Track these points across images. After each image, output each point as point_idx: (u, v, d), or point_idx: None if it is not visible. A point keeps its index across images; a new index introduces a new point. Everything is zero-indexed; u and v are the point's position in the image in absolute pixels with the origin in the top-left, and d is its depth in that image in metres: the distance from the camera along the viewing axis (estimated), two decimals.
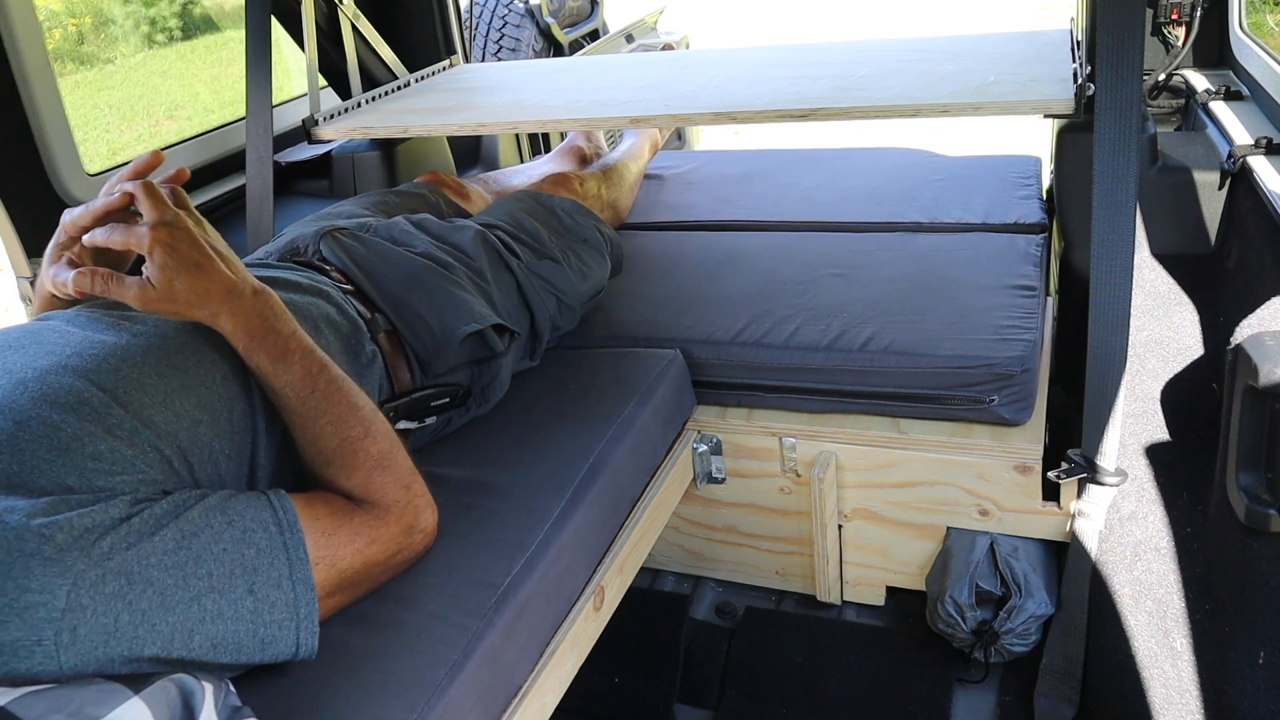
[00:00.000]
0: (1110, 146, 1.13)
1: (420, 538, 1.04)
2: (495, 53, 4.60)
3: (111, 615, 0.74)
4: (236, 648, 0.83)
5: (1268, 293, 1.18)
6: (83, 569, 0.74)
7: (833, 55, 1.80)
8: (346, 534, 0.95)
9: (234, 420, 0.99)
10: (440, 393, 1.28)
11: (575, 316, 1.58)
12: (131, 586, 0.76)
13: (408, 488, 1.03)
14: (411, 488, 1.03)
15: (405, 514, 1.02)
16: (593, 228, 1.67)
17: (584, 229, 1.65)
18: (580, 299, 1.57)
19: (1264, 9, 3.41)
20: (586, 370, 1.49)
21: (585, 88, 1.87)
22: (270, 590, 0.85)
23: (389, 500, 1.00)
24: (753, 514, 1.64)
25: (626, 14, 4.62)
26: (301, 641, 0.87)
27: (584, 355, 1.55)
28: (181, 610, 0.78)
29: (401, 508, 1.01)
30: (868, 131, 4.43)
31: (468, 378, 1.34)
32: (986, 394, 1.42)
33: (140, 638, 0.76)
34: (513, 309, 1.43)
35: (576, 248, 1.61)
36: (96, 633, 0.74)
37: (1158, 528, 1.24)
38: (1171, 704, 1.08)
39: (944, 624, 1.45)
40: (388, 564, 1.01)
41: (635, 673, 1.58)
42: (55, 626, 0.72)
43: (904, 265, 1.72)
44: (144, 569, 0.77)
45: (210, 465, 0.95)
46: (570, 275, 1.54)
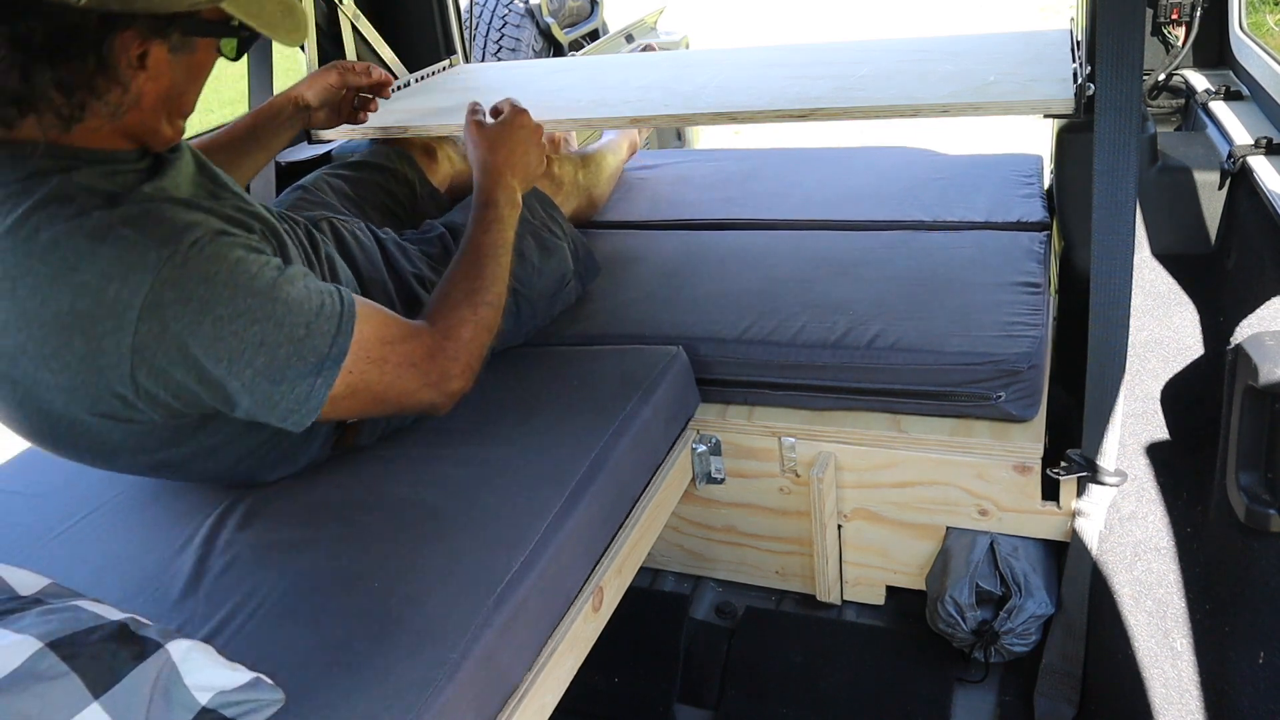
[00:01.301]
0: (1110, 146, 1.13)
1: (444, 397, 1.14)
2: (495, 53, 4.60)
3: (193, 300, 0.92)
4: (256, 390, 0.98)
5: (1268, 293, 1.18)
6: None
7: (833, 55, 1.79)
8: (393, 360, 1.08)
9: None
10: None
11: (535, 317, 1.59)
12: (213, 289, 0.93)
13: (468, 351, 1.15)
14: (468, 359, 1.15)
15: (452, 365, 1.13)
16: (558, 223, 1.69)
17: (548, 220, 1.67)
18: (537, 291, 1.58)
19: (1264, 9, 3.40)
20: (588, 366, 1.49)
21: (585, 87, 1.87)
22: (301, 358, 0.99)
23: (449, 342, 1.14)
24: (752, 514, 1.64)
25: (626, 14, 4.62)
26: (301, 412, 1.01)
27: (586, 352, 1.55)
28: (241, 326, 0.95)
29: (451, 357, 1.13)
30: (868, 131, 4.43)
31: None
32: (993, 390, 1.42)
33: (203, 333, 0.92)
34: None
35: (536, 230, 1.63)
36: (178, 310, 0.91)
37: (1158, 528, 1.24)
38: (1171, 704, 1.08)
39: (944, 624, 1.45)
40: (405, 398, 1.11)
41: (635, 672, 1.58)
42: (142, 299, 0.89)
43: (908, 263, 1.72)
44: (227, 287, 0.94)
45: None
46: (526, 262, 1.56)
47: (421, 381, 1.10)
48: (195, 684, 0.79)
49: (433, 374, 1.11)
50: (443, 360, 1.12)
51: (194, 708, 0.78)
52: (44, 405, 0.98)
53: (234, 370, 0.95)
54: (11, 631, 0.73)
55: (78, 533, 1.22)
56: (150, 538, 1.19)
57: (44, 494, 1.32)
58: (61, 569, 1.09)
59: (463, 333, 1.15)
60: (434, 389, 1.12)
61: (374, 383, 1.06)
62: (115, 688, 0.74)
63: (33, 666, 0.71)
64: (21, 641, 0.72)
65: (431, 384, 1.11)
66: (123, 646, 0.76)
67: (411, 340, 1.10)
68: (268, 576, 1.09)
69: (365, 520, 1.17)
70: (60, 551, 1.19)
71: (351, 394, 1.04)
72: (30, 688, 0.70)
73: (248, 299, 0.95)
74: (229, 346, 0.94)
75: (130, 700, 0.74)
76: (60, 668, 0.72)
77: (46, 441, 1.07)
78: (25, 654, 0.71)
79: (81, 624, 0.76)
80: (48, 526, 1.24)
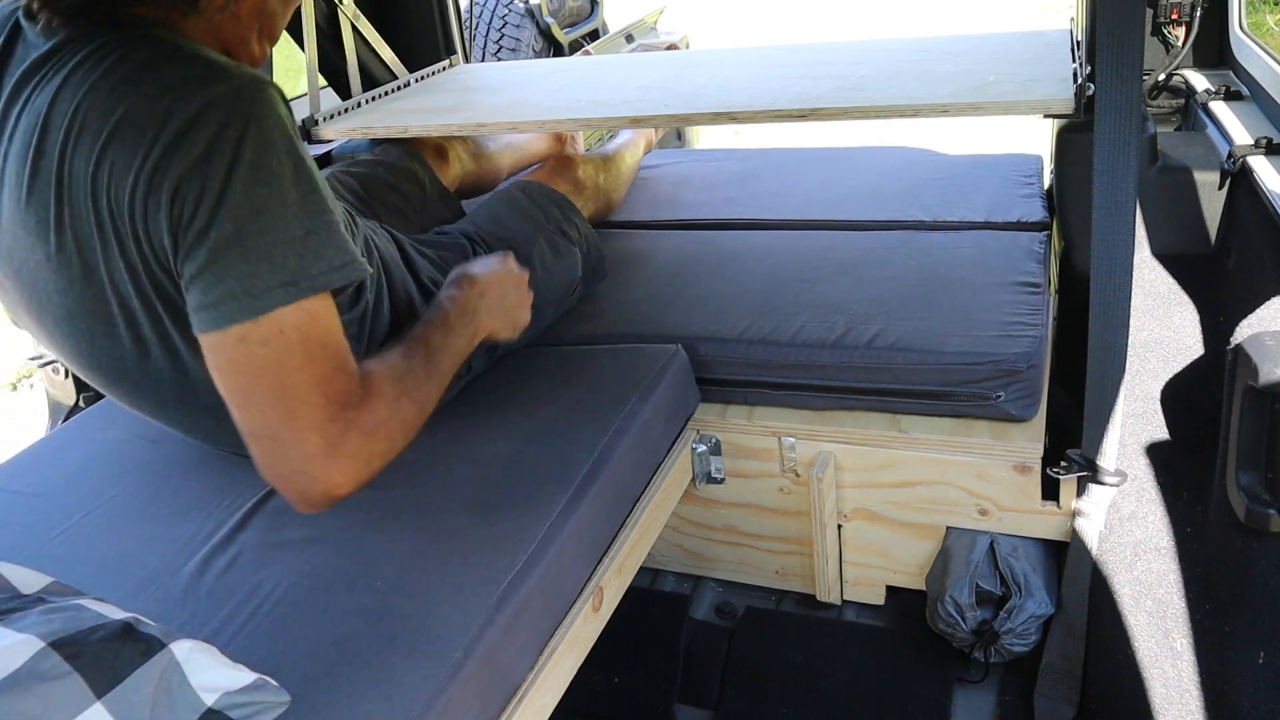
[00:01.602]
0: (1110, 146, 1.13)
1: (325, 466, 0.93)
2: (495, 53, 4.60)
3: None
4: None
5: (1268, 293, 1.18)
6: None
7: (833, 55, 1.80)
8: (321, 366, 0.93)
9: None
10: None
11: (541, 320, 1.59)
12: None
13: (361, 450, 0.95)
14: (373, 447, 0.96)
15: (359, 438, 0.94)
16: (574, 225, 1.69)
17: (563, 222, 1.67)
18: (547, 300, 1.58)
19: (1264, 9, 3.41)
20: (587, 366, 1.49)
21: (585, 88, 1.87)
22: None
23: (342, 435, 0.93)
24: (752, 514, 1.64)
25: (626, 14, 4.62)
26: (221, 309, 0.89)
27: (585, 351, 1.55)
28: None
29: (363, 429, 0.95)
30: (868, 131, 4.43)
31: None
32: (993, 390, 1.42)
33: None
34: None
35: (550, 235, 1.63)
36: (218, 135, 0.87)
37: (1158, 528, 1.24)
38: (1171, 704, 1.08)
39: (944, 624, 1.45)
40: (290, 424, 0.92)
41: (635, 672, 1.58)
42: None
43: (908, 263, 1.72)
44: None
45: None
46: (536, 272, 1.55)
47: (324, 417, 0.92)
48: (200, 684, 0.79)
49: (335, 425, 0.92)
50: (355, 422, 0.94)
51: (199, 708, 0.78)
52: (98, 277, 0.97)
53: (219, 213, 0.88)
54: (14, 631, 0.73)
55: (78, 532, 1.22)
56: (152, 537, 1.19)
57: (45, 493, 1.32)
58: (63, 568, 1.09)
59: (380, 414, 0.97)
60: (325, 445, 0.92)
61: (287, 365, 0.90)
62: (118, 688, 0.74)
63: (35, 666, 0.71)
64: (24, 641, 0.72)
65: (328, 439, 0.92)
66: (125, 646, 0.76)
67: (347, 374, 0.95)
68: (270, 575, 1.09)
69: (367, 519, 1.17)
70: (61, 550, 1.19)
71: (262, 350, 0.89)
72: (32, 688, 0.70)
73: (287, 168, 0.90)
74: (236, 194, 0.88)
75: (133, 700, 0.74)
76: (63, 668, 0.72)
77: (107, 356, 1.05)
78: (27, 654, 0.71)
79: (84, 623, 0.76)
80: (49, 525, 1.24)
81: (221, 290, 0.88)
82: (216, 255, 0.88)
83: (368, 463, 0.95)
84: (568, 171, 1.87)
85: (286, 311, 0.89)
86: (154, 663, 0.77)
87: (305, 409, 0.91)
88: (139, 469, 1.35)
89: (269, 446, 0.92)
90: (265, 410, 0.91)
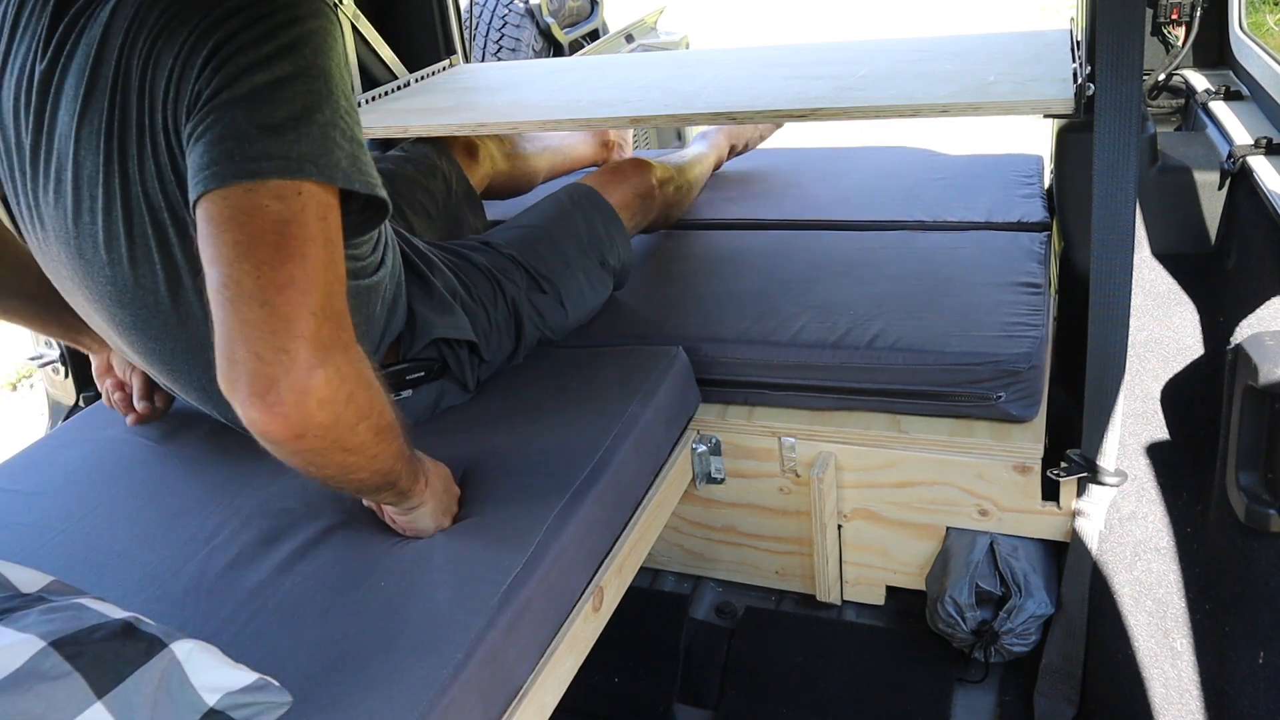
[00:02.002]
0: (1110, 146, 1.14)
1: (283, 370, 0.81)
2: (495, 53, 4.60)
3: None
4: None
5: (1268, 293, 1.18)
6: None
7: (833, 55, 1.80)
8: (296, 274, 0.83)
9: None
10: (415, 367, 1.32)
11: (554, 334, 1.58)
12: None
13: (345, 375, 0.85)
14: (338, 371, 0.84)
15: (311, 376, 0.82)
16: (615, 249, 1.65)
17: (606, 247, 1.63)
18: (563, 331, 1.58)
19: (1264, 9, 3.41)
20: (589, 368, 1.49)
21: (585, 88, 1.87)
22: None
23: (329, 363, 0.83)
24: (752, 514, 1.64)
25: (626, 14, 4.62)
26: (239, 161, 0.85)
27: (586, 353, 1.55)
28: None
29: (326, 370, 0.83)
30: (868, 131, 4.43)
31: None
32: (993, 391, 1.42)
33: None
34: (500, 330, 1.45)
35: (589, 267, 1.60)
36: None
37: (1158, 528, 1.24)
38: (1171, 704, 1.08)
39: (944, 624, 1.45)
40: (248, 323, 0.82)
41: (635, 673, 1.58)
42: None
43: (908, 264, 1.72)
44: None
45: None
46: (564, 310, 1.54)
47: (322, 309, 0.83)
48: (202, 684, 0.79)
49: (329, 326, 0.83)
50: (347, 346, 0.86)
51: (201, 708, 0.78)
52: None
53: (248, 73, 0.85)
54: (14, 630, 0.73)
55: (79, 531, 1.22)
56: (152, 536, 1.19)
57: (45, 492, 1.32)
58: (63, 567, 1.09)
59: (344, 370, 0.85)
60: (316, 339, 0.82)
61: (299, 229, 0.83)
62: (119, 687, 0.74)
63: (35, 666, 0.71)
64: (24, 641, 0.72)
65: (321, 335, 0.82)
66: (127, 646, 0.76)
67: (345, 306, 0.87)
68: (271, 576, 1.09)
69: (369, 519, 1.17)
70: (62, 549, 1.19)
71: (276, 205, 0.83)
72: (33, 687, 0.70)
73: (334, 70, 0.89)
74: (278, 58, 0.85)
75: (134, 700, 0.74)
76: (63, 667, 0.72)
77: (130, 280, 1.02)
78: (28, 653, 0.71)
79: (84, 622, 0.76)
80: (49, 524, 1.24)
81: (229, 153, 0.83)
82: (230, 123, 0.84)
83: (344, 396, 0.84)
84: (640, 178, 1.78)
85: (307, 184, 0.84)
86: (155, 662, 0.77)
87: (308, 283, 0.82)
88: (139, 469, 1.35)
89: (256, 313, 0.80)
90: (264, 268, 0.80)
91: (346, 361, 0.85)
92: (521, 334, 1.48)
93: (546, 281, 1.53)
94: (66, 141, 0.99)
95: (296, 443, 0.84)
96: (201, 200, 0.84)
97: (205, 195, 0.83)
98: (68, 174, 1.00)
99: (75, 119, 0.97)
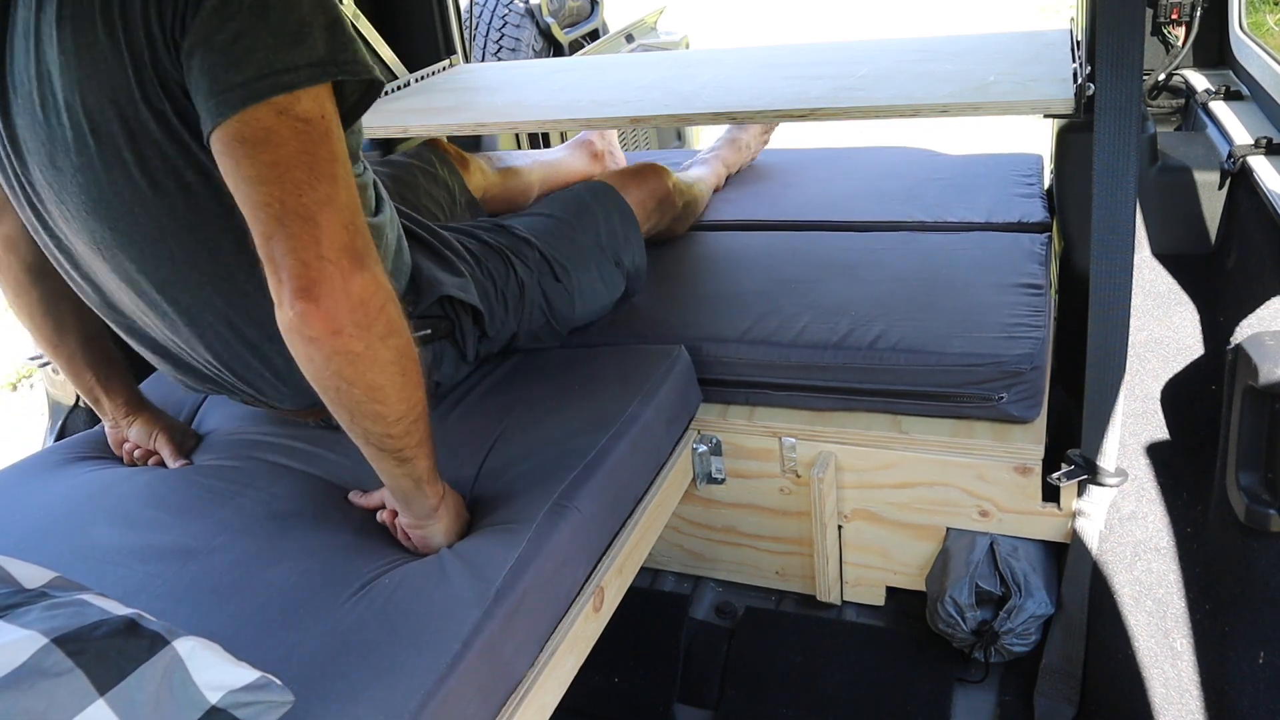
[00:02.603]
0: (1110, 146, 1.14)
1: (331, 274, 0.89)
2: (495, 53, 4.60)
3: None
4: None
5: (1268, 293, 1.18)
6: None
7: (833, 55, 1.80)
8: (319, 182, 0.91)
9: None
10: (422, 325, 1.32)
11: (558, 339, 1.58)
12: None
13: (379, 284, 0.93)
14: (373, 276, 0.92)
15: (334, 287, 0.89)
16: (630, 250, 1.65)
17: (621, 246, 1.63)
18: (567, 324, 1.57)
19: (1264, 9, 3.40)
20: (591, 366, 1.49)
21: (585, 88, 1.87)
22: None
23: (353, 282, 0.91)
24: (752, 514, 1.64)
25: (626, 14, 4.62)
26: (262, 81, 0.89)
27: (588, 351, 1.55)
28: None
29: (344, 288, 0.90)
30: (868, 131, 4.43)
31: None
32: (995, 391, 1.42)
33: None
34: (506, 307, 1.45)
35: (603, 263, 1.60)
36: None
37: (1158, 528, 1.24)
38: (1171, 704, 1.08)
39: (944, 624, 1.45)
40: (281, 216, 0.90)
41: (635, 672, 1.58)
42: None
43: (909, 264, 1.72)
44: None
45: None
46: (573, 301, 1.54)
47: (354, 221, 0.91)
48: (204, 682, 0.79)
49: (360, 239, 0.91)
50: (374, 260, 0.93)
51: (203, 706, 0.78)
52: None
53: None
54: (17, 627, 0.73)
55: (80, 530, 1.22)
56: (154, 534, 1.19)
57: (48, 491, 1.32)
58: (65, 564, 1.09)
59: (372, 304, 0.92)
60: (351, 247, 0.90)
61: (329, 147, 0.90)
62: (121, 684, 0.74)
63: (38, 663, 0.71)
64: (27, 637, 0.72)
65: (355, 245, 0.90)
66: (129, 642, 0.76)
67: (363, 217, 0.93)
68: (272, 573, 1.09)
69: (370, 521, 1.17)
70: (63, 547, 1.19)
71: (304, 126, 0.89)
72: (36, 684, 0.70)
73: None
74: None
75: (136, 698, 0.74)
76: (66, 664, 0.72)
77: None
78: (31, 650, 0.71)
79: (87, 619, 0.76)
80: (51, 523, 1.24)
81: (251, 68, 0.86)
82: (242, 32, 0.86)
83: (379, 304, 0.92)
84: (658, 181, 1.79)
85: (323, 91, 0.90)
86: (157, 660, 0.77)
87: (343, 199, 0.90)
88: (143, 468, 1.35)
89: (299, 228, 0.88)
90: (304, 186, 0.88)
91: (380, 271, 0.93)
92: (525, 317, 1.48)
93: (561, 269, 1.52)
94: (51, 45, 0.97)
95: (334, 340, 0.90)
96: (228, 120, 0.88)
97: (234, 114, 0.88)
98: (45, 85, 0.98)
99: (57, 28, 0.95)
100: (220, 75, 0.88)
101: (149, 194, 1.01)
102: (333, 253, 0.88)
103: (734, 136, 2.25)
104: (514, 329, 1.48)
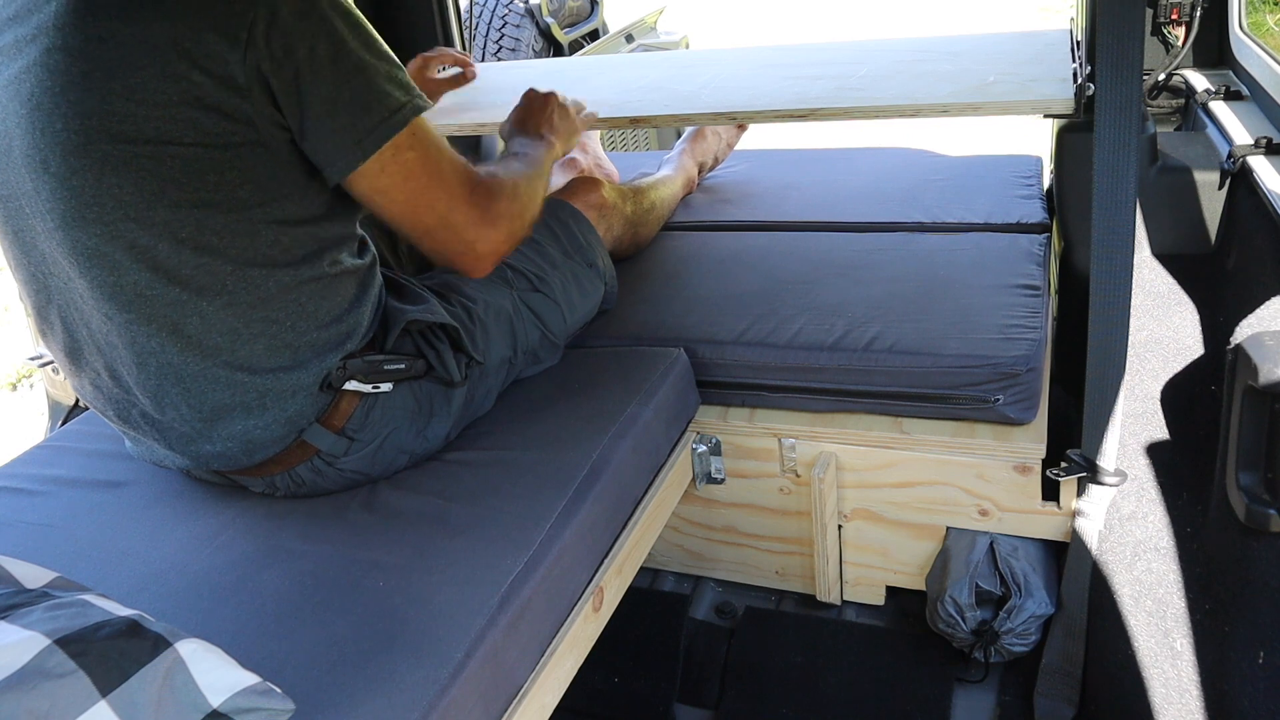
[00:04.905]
0: (1110, 146, 1.14)
1: (486, 230, 1.20)
2: (495, 53, 4.60)
3: None
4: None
5: (1268, 293, 1.18)
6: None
7: (833, 55, 1.80)
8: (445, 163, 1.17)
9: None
10: (394, 360, 1.26)
11: (558, 352, 1.54)
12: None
13: (504, 212, 1.22)
14: (502, 216, 1.22)
15: (497, 207, 1.21)
16: (597, 252, 1.64)
17: (588, 249, 1.62)
18: (565, 334, 1.54)
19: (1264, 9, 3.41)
20: (590, 369, 1.49)
21: (585, 88, 1.87)
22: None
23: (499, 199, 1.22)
24: (752, 514, 1.64)
25: (626, 14, 4.62)
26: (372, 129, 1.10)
27: (587, 354, 1.55)
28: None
29: (497, 204, 1.21)
30: (868, 131, 4.43)
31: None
32: (991, 393, 1.42)
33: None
34: (486, 329, 1.41)
35: (578, 269, 1.58)
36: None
37: (1158, 528, 1.24)
38: (1171, 704, 1.08)
39: (944, 624, 1.45)
40: (448, 204, 1.18)
41: (635, 672, 1.58)
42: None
43: (907, 265, 1.72)
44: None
45: None
46: (560, 309, 1.51)
47: (470, 190, 1.18)
48: (206, 685, 0.79)
49: (479, 194, 1.18)
50: (491, 189, 1.20)
51: (205, 709, 0.78)
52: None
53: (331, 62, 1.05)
54: (20, 628, 0.73)
55: (81, 529, 1.23)
56: (155, 535, 1.19)
57: (49, 491, 1.32)
58: (66, 565, 1.09)
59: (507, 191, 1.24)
60: (479, 213, 1.18)
61: (433, 158, 1.14)
62: (123, 686, 0.73)
63: (40, 664, 0.71)
64: (29, 638, 0.72)
65: (479, 207, 1.18)
66: (131, 644, 0.76)
67: (462, 159, 1.19)
68: (273, 575, 1.09)
69: (370, 520, 1.17)
70: (65, 547, 1.19)
71: (412, 155, 1.11)
72: (38, 685, 0.70)
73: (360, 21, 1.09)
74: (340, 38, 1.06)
75: (138, 699, 0.74)
76: (68, 665, 0.72)
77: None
78: (33, 651, 0.71)
79: (89, 620, 0.76)
80: (52, 523, 1.24)
81: (366, 122, 1.07)
82: (338, 97, 1.06)
83: (510, 225, 1.23)
84: (590, 194, 1.78)
85: (412, 117, 1.11)
86: (159, 661, 0.77)
87: (457, 187, 1.16)
88: (141, 468, 1.35)
89: (444, 235, 1.18)
90: (434, 202, 1.15)
91: (500, 214, 1.21)
92: (520, 335, 1.47)
93: (538, 279, 1.51)
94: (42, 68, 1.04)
95: (501, 257, 1.27)
96: (360, 170, 1.10)
97: (364, 164, 1.09)
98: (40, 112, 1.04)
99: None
100: (336, 134, 1.08)
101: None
102: (471, 234, 1.20)
103: (698, 128, 2.21)
104: (506, 353, 1.43)
